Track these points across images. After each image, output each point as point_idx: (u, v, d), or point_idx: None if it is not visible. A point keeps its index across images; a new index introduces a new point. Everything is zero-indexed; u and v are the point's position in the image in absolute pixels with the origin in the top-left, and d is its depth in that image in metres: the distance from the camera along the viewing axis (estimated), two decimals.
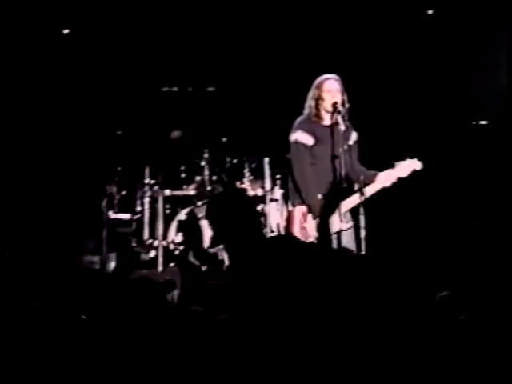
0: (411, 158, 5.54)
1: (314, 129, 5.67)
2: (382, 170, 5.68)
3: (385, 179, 5.57)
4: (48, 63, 7.80)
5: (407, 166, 5.56)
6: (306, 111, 5.80)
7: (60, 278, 5.72)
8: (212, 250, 7.12)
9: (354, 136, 5.82)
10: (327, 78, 5.72)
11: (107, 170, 7.65)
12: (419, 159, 5.58)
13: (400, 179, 5.55)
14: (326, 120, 5.72)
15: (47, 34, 7.83)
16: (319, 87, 5.71)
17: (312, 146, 5.68)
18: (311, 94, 5.75)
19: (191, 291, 5.79)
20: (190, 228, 7.46)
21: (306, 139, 5.68)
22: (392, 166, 5.57)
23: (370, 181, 5.53)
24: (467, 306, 3.21)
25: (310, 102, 5.75)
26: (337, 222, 5.52)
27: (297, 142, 5.69)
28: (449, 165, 7.53)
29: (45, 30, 7.85)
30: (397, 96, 7.84)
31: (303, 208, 5.65)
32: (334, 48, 7.86)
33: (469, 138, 7.54)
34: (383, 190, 5.56)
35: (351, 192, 5.58)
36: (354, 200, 5.51)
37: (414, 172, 5.56)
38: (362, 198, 5.35)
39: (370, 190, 5.51)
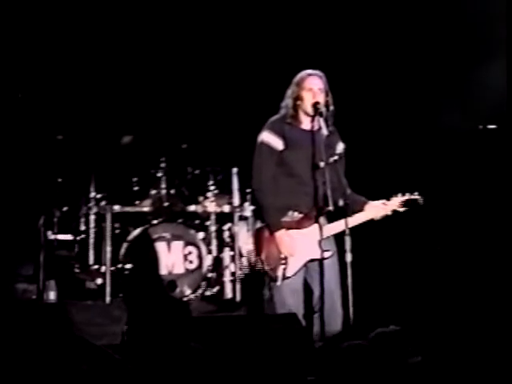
0: (412, 194, 5.29)
1: (287, 131, 5.25)
2: (374, 188, 5.37)
3: (376, 210, 5.27)
4: None
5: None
6: (281, 111, 5.36)
7: None
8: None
9: (340, 147, 5.40)
10: (309, 75, 5.28)
11: (45, 181, 7.32)
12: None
13: (395, 213, 5.28)
14: (306, 124, 5.27)
15: None
16: (299, 84, 5.26)
17: (282, 150, 5.22)
18: (290, 91, 5.30)
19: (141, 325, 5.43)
20: (143, 251, 7.22)
21: (274, 142, 5.22)
22: (387, 196, 5.30)
23: (358, 208, 5.23)
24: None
25: (287, 101, 5.29)
26: (317, 249, 5.08)
27: (262, 144, 5.26)
28: (450, 177, 7.27)
29: None
30: (392, 99, 7.60)
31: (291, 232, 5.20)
32: (317, 43, 7.62)
33: (476, 144, 7.31)
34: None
35: (336, 213, 5.16)
36: (337, 226, 5.17)
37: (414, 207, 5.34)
38: (348, 226, 5.00)
39: (356, 220, 5.20)
